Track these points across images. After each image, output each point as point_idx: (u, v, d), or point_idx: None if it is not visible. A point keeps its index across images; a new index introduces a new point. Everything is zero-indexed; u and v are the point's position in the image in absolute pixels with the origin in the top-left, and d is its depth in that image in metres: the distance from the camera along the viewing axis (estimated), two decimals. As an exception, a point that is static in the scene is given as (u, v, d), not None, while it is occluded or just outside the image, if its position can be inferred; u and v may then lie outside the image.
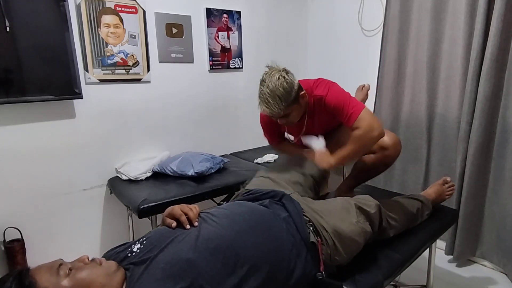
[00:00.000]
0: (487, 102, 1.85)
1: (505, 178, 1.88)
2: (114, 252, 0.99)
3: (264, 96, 1.40)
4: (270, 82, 1.40)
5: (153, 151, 2.25)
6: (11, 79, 1.64)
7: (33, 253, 1.84)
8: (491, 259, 2.03)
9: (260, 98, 1.43)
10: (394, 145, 1.60)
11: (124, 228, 2.18)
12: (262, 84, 1.43)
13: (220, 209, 1.12)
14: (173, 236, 0.95)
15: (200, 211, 1.07)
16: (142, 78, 2.16)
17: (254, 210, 1.12)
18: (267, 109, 1.42)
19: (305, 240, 1.08)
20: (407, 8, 2.21)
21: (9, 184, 1.77)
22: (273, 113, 1.43)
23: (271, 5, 2.76)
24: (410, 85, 2.26)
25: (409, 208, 1.47)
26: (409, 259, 1.33)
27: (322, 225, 1.14)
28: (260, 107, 1.45)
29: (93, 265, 0.88)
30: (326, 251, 1.11)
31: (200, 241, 0.93)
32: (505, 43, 1.79)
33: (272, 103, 1.39)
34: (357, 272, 1.18)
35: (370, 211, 1.26)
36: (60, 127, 1.90)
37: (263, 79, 1.44)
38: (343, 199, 1.34)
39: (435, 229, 1.53)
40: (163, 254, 0.90)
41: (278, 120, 1.52)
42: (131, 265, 0.91)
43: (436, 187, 1.67)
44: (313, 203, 1.27)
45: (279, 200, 1.21)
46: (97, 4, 1.91)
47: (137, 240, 1.00)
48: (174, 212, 1.03)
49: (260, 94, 1.43)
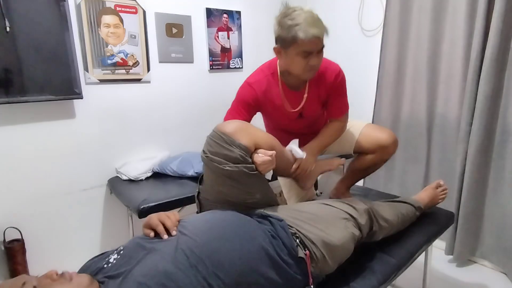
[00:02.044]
0: (487, 102, 1.85)
1: (505, 178, 1.88)
2: (92, 261, 0.94)
3: (308, 18, 1.23)
4: (301, 9, 1.26)
5: (153, 151, 2.25)
6: (11, 79, 1.64)
7: (33, 253, 1.84)
8: (491, 259, 2.03)
9: (303, 23, 1.22)
10: (394, 142, 1.61)
11: (124, 228, 2.18)
12: (293, 12, 1.25)
13: (202, 215, 1.06)
14: (150, 246, 0.90)
15: (179, 219, 1.01)
16: (142, 78, 2.16)
17: (239, 219, 1.04)
18: (318, 29, 1.23)
19: (291, 254, 1.01)
20: (407, 8, 2.21)
21: (9, 184, 1.77)
22: (322, 35, 1.26)
23: (271, 5, 2.75)
24: (410, 85, 2.26)
25: (400, 210, 1.43)
26: (404, 264, 1.30)
27: (309, 238, 1.06)
28: (303, 32, 1.22)
29: (61, 282, 0.80)
30: (316, 264, 1.05)
31: (178, 252, 0.87)
32: (505, 43, 1.79)
33: (320, 23, 1.25)
34: (351, 277, 1.15)
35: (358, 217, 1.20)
36: (60, 127, 1.90)
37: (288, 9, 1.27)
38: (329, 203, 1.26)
39: (432, 232, 1.51)
40: (139, 266, 0.84)
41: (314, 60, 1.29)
42: (106, 278, 0.85)
43: (429, 191, 1.64)
44: (299, 212, 1.17)
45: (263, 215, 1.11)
46: (97, 4, 1.91)
47: (115, 249, 0.95)
48: (150, 222, 0.97)
49: (299, 19, 1.23)
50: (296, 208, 1.21)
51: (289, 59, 1.33)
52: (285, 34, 1.27)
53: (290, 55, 1.30)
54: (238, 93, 1.54)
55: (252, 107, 1.50)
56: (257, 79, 1.49)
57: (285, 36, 1.27)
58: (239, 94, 1.53)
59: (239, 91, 1.54)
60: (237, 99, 1.53)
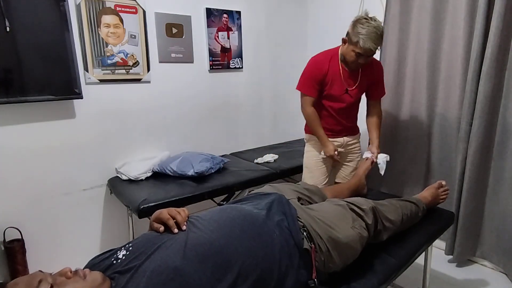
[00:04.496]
0: (487, 102, 1.85)
1: (505, 178, 1.88)
2: (99, 259, 0.94)
3: (373, 31, 1.60)
4: (374, 20, 1.62)
5: (153, 151, 2.25)
6: (11, 79, 1.64)
7: (33, 253, 1.84)
8: (491, 259, 2.03)
9: (366, 36, 1.61)
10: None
11: (124, 228, 2.18)
12: (366, 22, 1.62)
13: (211, 212, 1.07)
14: (160, 242, 0.91)
15: (189, 215, 1.02)
16: (142, 78, 2.16)
17: (246, 215, 1.06)
18: (374, 45, 1.62)
19: (298, 246, 1.05)
20: (407, 8, 2.21)
21: (9, 184, 1.77)
22: (376, 48, 1.64)
23: (271, 5, 2.76)
24: (410, 85, 2.26)
25: (403, 210, 1.44)
26: (405, 264, 1.30)
27: (317, 232, 1.11)
28: (363, 42, 1.61)
29: (76, 280, 0.81)
30: (320, 258, 1.08)
31: (188, 248, 0.89)
32: (505, 43, 1.79)
33: (379, 40, 1.63)
34: (351, 277, 1.16)
35: (365, 215, 1.24)
36: (60, 127, 1.90)
37: (364, 18, 1.64)
38: (338, 202, 1.31)
39: (432, 232, 1.51)
40: (149, 261, 0.85)
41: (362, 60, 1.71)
42: (116, 274, 0.85)
43: (431, 190, 1.66)
44: (309, 208, 1.24)
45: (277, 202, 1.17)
46: (97, 4, 1.91)
47: (122, 246, 0.95)
48: (161, 216, 0.98)
49: (367, 31, 1.60)
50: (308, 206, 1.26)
51: (347, 51, 1.74)
52: (352, 34, 1.67)
53: (349, 48, 1.72)
54: (305, 70, 1.90)
55: (319, 80, 1.85)
56: (322, 58, 1.87)
57: (352, 35, 1.67)
58: (307, 71, 1.89)
59: (306, 69, 1.90)
60: (307, 76, 1.89)
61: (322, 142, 1.94)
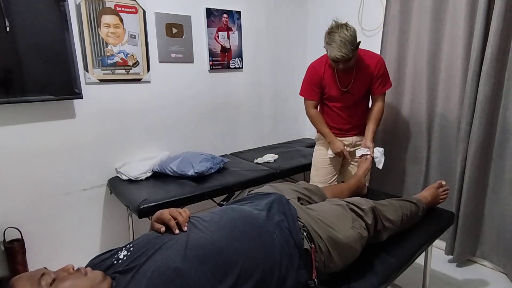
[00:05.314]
0: (487, 102, 1.85)
1: (505, 178, 1.88)
2: (100, 259, 0.94)
3: (337, 41, 1.68)
4: (341, 31, 1.70)
5: (153, 151, 2.25)
6: (11, 79, 1.64)
7: (33, 253, 1.84)
8: (491, 259, 2.03)
9: (332, 44, 1.70)
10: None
11: (124, 228, 2.18)
12: (333, 32, 1.71)
13: (211, 213, 1.08)
14: (161, 243, 0.91)
15: (190, 215, 1.03)
16: (142, 78, 2.16)
17: (246, 216, 1.07)
18: (340, 53, 1.69)
19: (298, 246, 1.05)
20: (407, 8, 2.21)
21: (9, 184, 1.77)
22: (343, 56, 1.69)
23: (271, 5, 2.76)
24: (410, 85, 2.26)
25: (403, 210, 1.44)
26: (405, 264, 1.30)
27: (317, 232, 1.11)
28: (330, 52, 1.73)
29: (77, 276, 0.83)
30: (320, 258, 1.09)
31: (189, 248, 0.89)
32: (505, 43, 1.79)
33: (346, 47, 1.69)
34: (351, 277, 1.16)
35: (365, 215, 1.24)
36: (60, 127, 1.90)
37: (331, 29, 1.73)
38: (338, 202, 1.31)
39: (432, 232, 1.51)
40: (150, 262, 0.85)
41: (340, 65, 1.79)
42: (117, 273, 0.86)
43: (431, 190, 1.66)
44: (309, 208, 1.24)
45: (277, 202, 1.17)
46: (97, 4, 1.91)
47: (124, 246, 0.95)
48: (163, 216, 0.98)
49: (332, 40, 1.70)
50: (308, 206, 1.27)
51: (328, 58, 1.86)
52: (324, 45, 1.78)
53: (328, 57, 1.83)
54: (305, 76, 2.04)
55: (317, 84, 1.97)
56: (318, 63, 1.99)
57: (325, 46, 1.79)
58: (306, 77, 2.03)
59: (305, 75, 2.03)
60: (306, 82, 2.02)
61: (329, 139, 2.02)
